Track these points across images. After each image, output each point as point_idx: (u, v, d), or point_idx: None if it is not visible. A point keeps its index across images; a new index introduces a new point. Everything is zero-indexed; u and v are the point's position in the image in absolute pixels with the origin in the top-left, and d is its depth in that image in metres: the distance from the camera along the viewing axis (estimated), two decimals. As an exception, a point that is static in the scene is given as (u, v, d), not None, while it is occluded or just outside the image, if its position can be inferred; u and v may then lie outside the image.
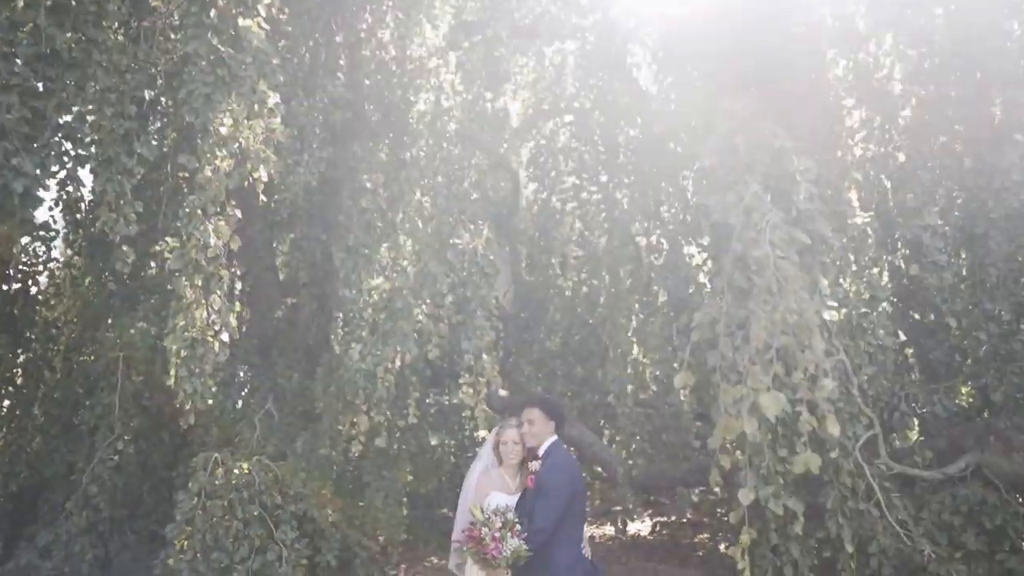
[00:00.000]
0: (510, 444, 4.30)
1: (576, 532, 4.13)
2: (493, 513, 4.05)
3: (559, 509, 4.00)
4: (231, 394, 7.67)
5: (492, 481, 4.32)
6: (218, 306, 4.83)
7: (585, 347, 9.50)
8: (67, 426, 7.23)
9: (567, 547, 4.06)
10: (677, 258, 6.00)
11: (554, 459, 4.18)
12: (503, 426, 4.41)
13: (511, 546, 3.91)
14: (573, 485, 4.07)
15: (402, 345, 5.84)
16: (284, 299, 8.64)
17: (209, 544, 4.92)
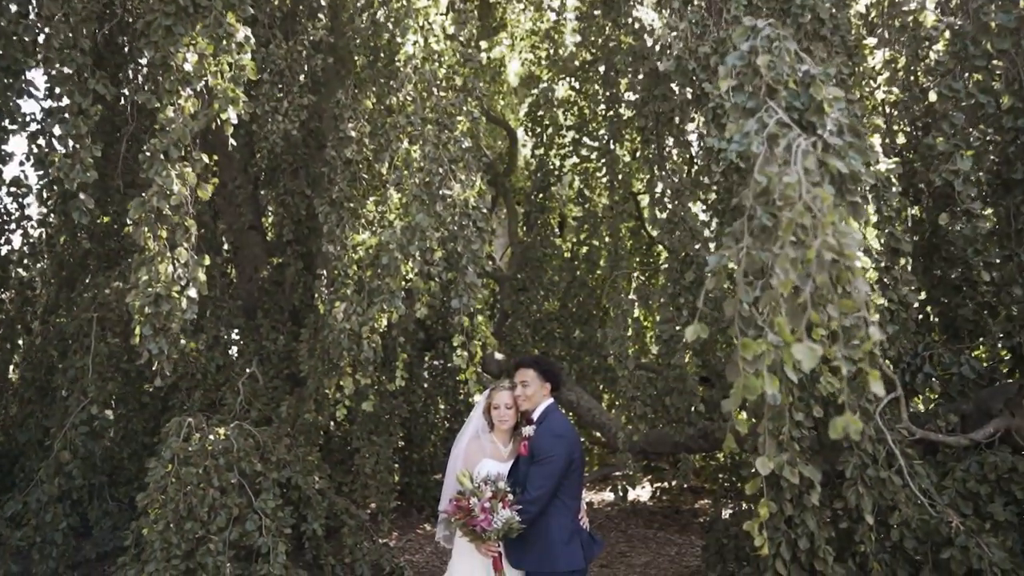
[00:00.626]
0: (502, 408, 3.97)
1: (573, 501, 3.82)
2: (483, 482, 3.72)
3: (555, 477, 3.68)
4: (214, 357, 7.33)
5: (482, 447, 3.99)
6: (185, 259, 4.45)
7: (584, 309, 9.17)
8: (42, 390, 6.91)
9: (563, 517, 3.75)
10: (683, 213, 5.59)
11: (550, 423, 3.84)
12: (495, 388, 4.07)
13: (502, 517, 3.59)
14: (570, 451, 3.75)
15: (389, 304, 5.47)
16: (270, 259, 8.25)
17: (182, 514, 4.61)
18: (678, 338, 5.40)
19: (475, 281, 5.39)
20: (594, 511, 8.88)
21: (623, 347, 5.86)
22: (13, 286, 7.81)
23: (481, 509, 3.59)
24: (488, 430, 4.06)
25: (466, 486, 3.73)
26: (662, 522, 8.34)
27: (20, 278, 7.83)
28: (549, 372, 3.98)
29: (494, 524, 3.57)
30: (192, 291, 4.46)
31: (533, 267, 9.00)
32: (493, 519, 3.57)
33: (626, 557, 6.87)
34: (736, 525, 5.77)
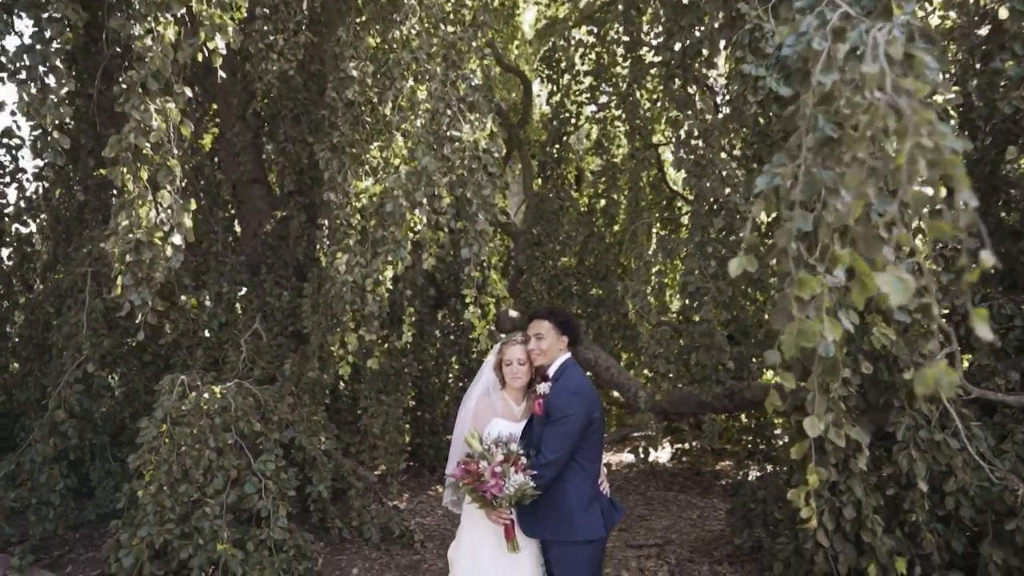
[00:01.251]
0: (515, 363, 3.61)
1: (592, 465, 3.47)
2: (493, 444, 3.38)
3: (572, 439, 3.33)
4: (217, 314, 7.04)
5: (493, 406, 3.64)
6: (168, 203, 4.09)
7: (602, 265, 8.77)
8: (40, 348, 6.68)
9: (581, 483, 3.41)
10: (712, 155, 5.12)
11: (567, 380, 3.48)
12: (506, 342, 3.70)
13: (515, 483, 3.25)
14: (589, 410, 3.39)
15: (394, 255, 5.10)
16: (274, 212, 7.90)
17: (176, 476, 4.35)
18: (704, 291, 4.99)
19: (486, 229, 4.99)
20: (612, 472, 8.61)
21: (645, 301, 5.46)
22: (12, 243, 7.54)
23: (491, 474, 3.26)
24: (499, 387, 3.71)
25: (475, 448, 3.40)
26: (682, 484, 8.05)
27: (18, 234, 7.55)
28: (566, 324, 3.61)
29: (505, 490, 3.24)
30: (177, 237, 4.11)
31: (548, 220, 8.57)
32: (504, 484, 3.24)
33: (646, 521, 6.58)
34: (764, 489, 5.43)
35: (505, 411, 3.65)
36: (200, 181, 7.77)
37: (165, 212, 4.04)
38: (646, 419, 5.45)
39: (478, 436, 3.47)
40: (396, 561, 5.39)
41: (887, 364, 3.49)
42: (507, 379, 3.66)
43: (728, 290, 4.88)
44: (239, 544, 4.51)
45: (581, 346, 8.17)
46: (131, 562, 4.11)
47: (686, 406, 6.87)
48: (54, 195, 7.56)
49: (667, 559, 5.51)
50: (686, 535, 6.10)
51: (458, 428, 3.69)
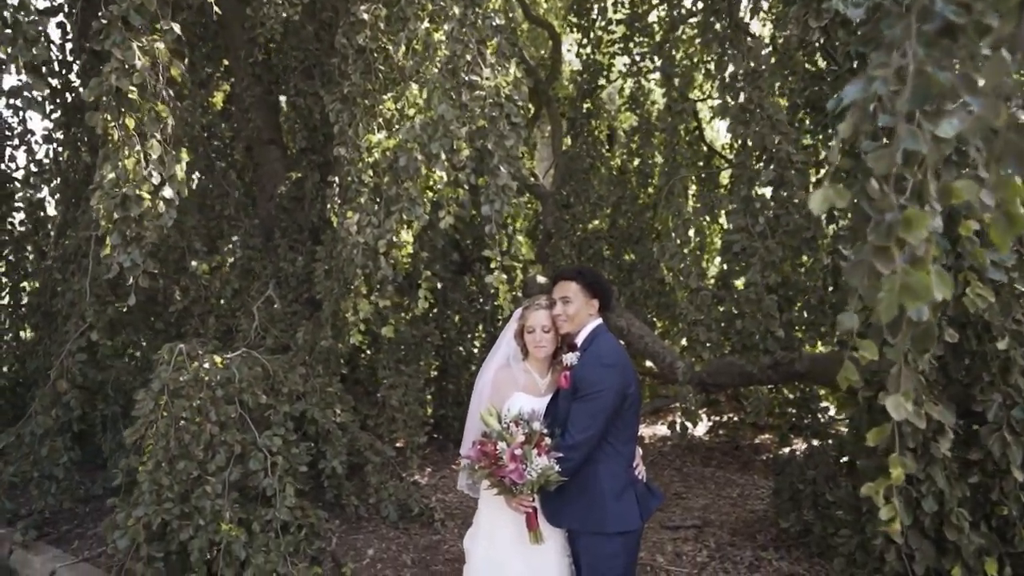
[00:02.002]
0: (538, 330, 3.17)
1: (626, 446, 3.04)
2: (513, 422, 2.97)
3: (603, 416, 2.90)
4: (230, 280, 6.73)
5: (514, 379, 3.22)
6: (158, 153, 3.70)
7: (635, 227, 8.23)
8: (48, 316, 6.44)
9: (614, 466, 2.99)
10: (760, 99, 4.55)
11: (597, 349, 3.04)
12: (528, 307, 3.26)
13: (537, 467, 2.84)
14: (623, 383, 2.95)
15: (408, 213, 4.67)
16: (289, 174, 7.52)
17: (174, 452, 4.03)
18: (751, 251, 4.47)
19: (509, 184, 4.52)
20: (645, 446, 8.18)
21: (683, 262, 4.96)
22: (24, 208, 7.28)
23: (510, 457, 2.84)
24: (521, 357, 3.28)
25: (492, 427, 2.99)
26: (721, 459, 7.60)
27: (29, 198, 7.28)
28: (596, 285, 3.15)
29: (527, 475, 2.83)
30: (168, 191, 3.73)
31: (578, 181, 8.04)
32: (526, 469, 2.83)
33: (682, 499, 6.16)
34: (813, 468, 4.96)
35: (527, 384, 3.22)
36: (212, 142, 7.41)
37: (155, 164, 3.65)
38: (684, 392, 4.99)
39: (496, 413, 3.05)
40: (415, 541, 5.07)
41: (976, 332, 2.97)
42: (530, 348, 3.23)
43: (778, 250, 4.35)
44: (244, 524, 4.20)
45: (613, 313, 7.71)
46: (126, 543, 3.83)
47: (727, 378, 6.39)
48: (63, 157, 7.26)
49: (706, 542, 5.09)
50: (726, 515, 5.67)
51: (474, 403, 3.29)
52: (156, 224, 3.70)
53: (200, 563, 3.95)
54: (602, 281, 3.17)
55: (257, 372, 4.94)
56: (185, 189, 3.84)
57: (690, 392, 4.97)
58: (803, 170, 4.40)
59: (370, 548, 4.94)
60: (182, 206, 6.99)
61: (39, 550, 4.96)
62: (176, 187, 3.77)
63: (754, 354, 4.49)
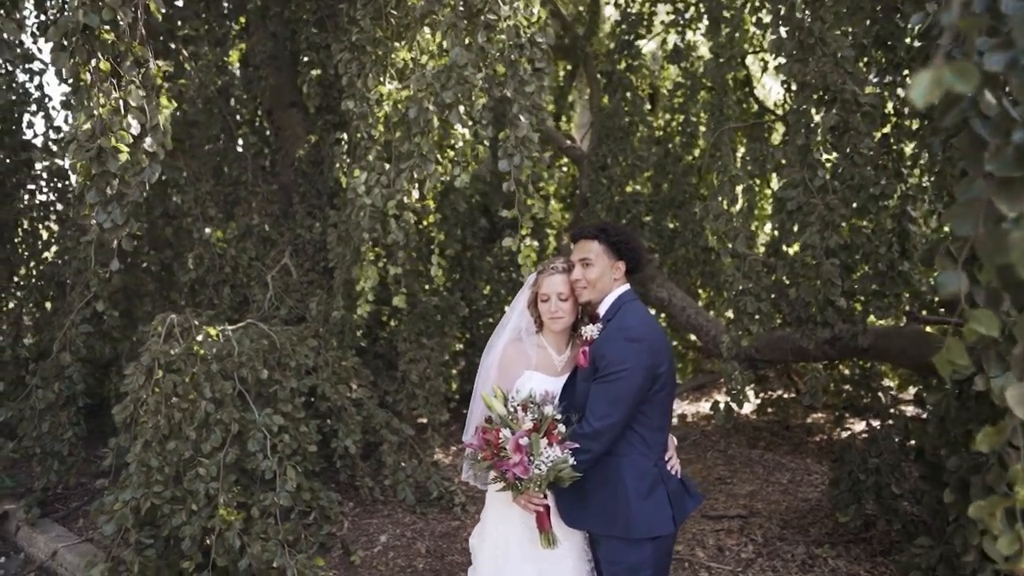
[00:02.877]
0: (553, 298, 2.70)
1: (657, 435, 2.56)
2: (521, 406, 2.52)
3: (628, 400, 2.43)
4: (246, 248, 6.41)
5: (525, 355, 2.77)
6: (138, 101, 3.32)
7: (678, 190, 7.61)
8: (62, 285, 6.23)
9: (641, 460, 2.51)
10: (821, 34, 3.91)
11: (622, 321, 2.55)
12: (543, 271, 2.79)
13: (547, 459, 2.39)
14: (653, 362, 2.46)
15: (419, 170, 4.21)
16: (308, 136, 7.14)
17: (164, 432, 3.72)
18: (809, 208, 3.88)
19: (530, 135, 4.01)
20: (685, 425, 7.67)
21: (730, 224, 4.40)
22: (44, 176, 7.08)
23: (515, 447, 2.40)
24: (534, 330, 2.82)
25: (496, 411, 2.54)
26: (769, 440, 7.03)
27: (49, 166, 7.06)
28: (622, 244, 2.65)
29: (534, 469, 2.38)
30: (150, 142, 3.35)
31: (616, 140, 7.45)
32: (532, 463, 2.38)
33: (726, 484, 5.65)
34: (876, 456, 4.40)
35: (541, 362, 2.76)
36: (228, 102, 7.06)
37: (135, 112, 3.27)
38: (728, 369, 4.46)
39: (502, 395, 2.60)
40: (432, 527, 4.70)
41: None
42: (545, 320, 2.76)
43: (839, 207, 3.76)
44: (244, 509, 3.88)
45: (654, 284, 7.17)
46: (113, 529, 3.55)
47: (777, 353, 5.82)
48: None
49: (752, 535, 4.59)
50: (775, 504, 5.15)
51: (479, 382, 2.85)
52: (138, 180, 3.33)
53: (194, 550, 3.65)
54: (629, 239, 2.66)
55: (262, 345, 4.61)
56: (169, 140, 3.45)
57: (736, 369, 4.44)
58: (871, 114, 3.77)
59: (383, 534, 4.60)
60: (197, 171, 6.79)
61: (44, 528, 4.77)
62: (159, 138, 3.39)
63: (810, 327, 3.93)
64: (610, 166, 7.38)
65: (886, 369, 7.48)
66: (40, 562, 4.52)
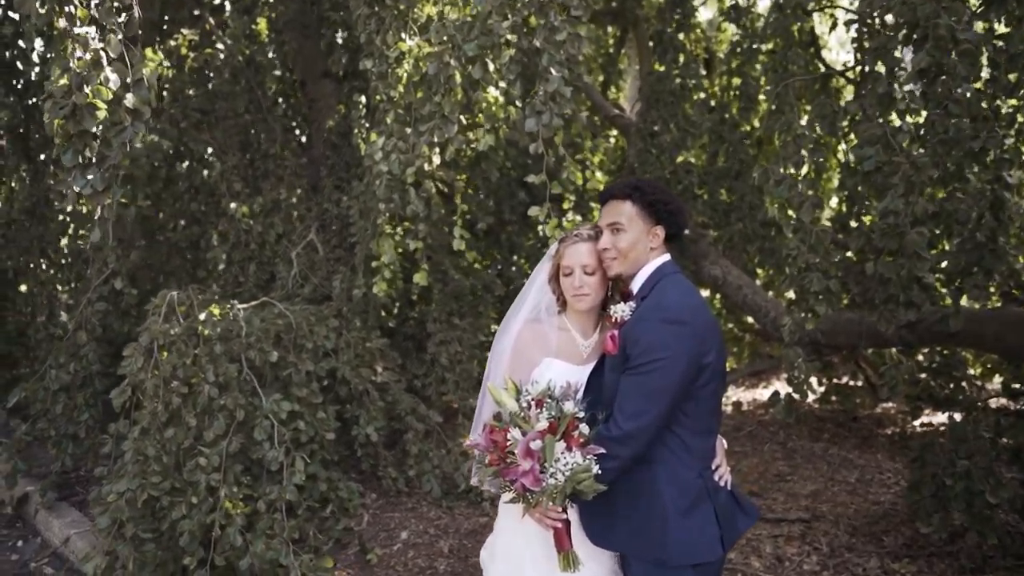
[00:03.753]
0: (577, 272, 2.25)
1: (700, 440, 2.09)
2: (535, 401, 2.08)
3: (665, 397, 1.97)
4: (273, 224, 6.14)
5: (545, 339, 2.33)
6: (118, 51, 2.99)
7: (735, 160, 6.98)
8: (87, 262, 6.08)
9: (681, 470, 2.05)
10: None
11: (660, 299, 2.08)
12: (566, 239, 2.34)
13: (565, 467, 1.95)
14: (698, 349, 1.99)
15: (440, 132, 3.78)
16: (339, 106, 6.81)
17: (162, 419, 3.44)
18: (891, 168, 3.28)
19: (561, 90, 3.53)
20: (740, 414, 7.11)
21: (795, 190, 3.83)
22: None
23: (524, 451, 1.96)
24: (556, 310, 2.37)
25: (506, 406, 2.11)
26: (833, 433, 6.41)
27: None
28: (659, 205, 2.17)
29: (548, 479, 1.95)
30: (131, 98, 3.02)
31: (666, 105, 6.85)
32: (546, 472, 1.95)
33: (786, 482, 5.11)
34: (966, 457, 3.80)
35: (563, 347, 2.32)
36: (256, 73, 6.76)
37: (116, 65, 2.95)
38: (791, 355, 3.91)
39: (514, 387, 2.16)
40: (457, 524, 4.33)
41: None
42: (568, 297, 2.31)
43: (928, 166, 3.16)
44: (250, 502, 3.58)
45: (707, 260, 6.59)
46: (107, 522, 3.29)
47: (846, 337, 5.22)
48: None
49: (816, 542, 4.06)
50: (842, 507, 4.59)
51: (490, 370, 2.42)
52: (120, 140, 3.01)
53: (195, 546, 3.37)
54: (669, 199, 2.18)
55: (277, 325, 4.30)
56: (153, 97, 3.12)
57: (799, 356, 3.89)
58: (971, 52, 3.15)
59: (404, 530, 4.25)
60: (223, 143, 6.54)
61: (61, 512, 4.61)
62: (143, 95, 3.05)
63: (889, 308, 3.35)
64: (660, 134, 6.80)
65: (969, 356, 6.74)
66: (54, 548, 4.36)
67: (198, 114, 6.27)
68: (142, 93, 3.07)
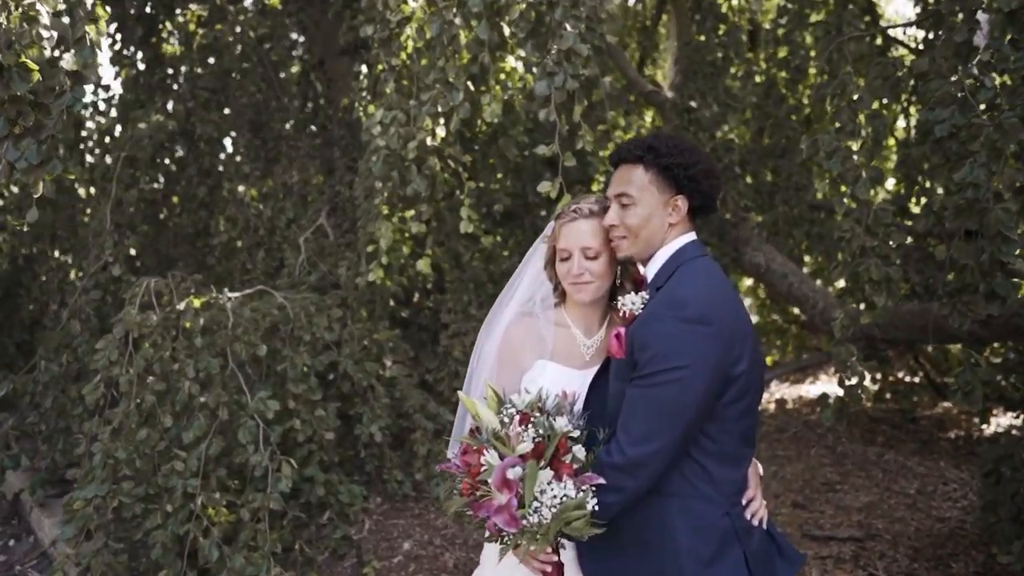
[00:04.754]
0: (576, 256, 1.83)
1: (727, 470, 1.64)
2: (520, 415, 1.66)
3: (685, 416, 1.53)
4: (284, 208, 5.83)
5: (537, 337, 1.91)
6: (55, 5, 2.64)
7: (781, 136, 6.40)
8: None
9: (704, 504, 1.61)
10: None
11: (677, 290, 1.64)
12: (563, 214, 1.91)
13: (553, 501, 1.54)
14: (726, 354, 1.55)
15: (445, 100, 3.37)
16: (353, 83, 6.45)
17: (134, 419, 3.13)
18: (972, 132, 2.75)
19: (577, 48, 3.07)
20: (784, 413, 6.55)
21: (849, 162, 3.31)
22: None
23: (500, 482, 1.55)
24: (553, 302, 1.95)
25: (484, 422, 1.70)
26: (889, 435, 5.83)
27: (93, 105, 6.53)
28: (679, 169, 1.72)
29: (531, 517, 1.53)
30: (69, 59, 2.68)
31: (704, 77, 6.30)
32: (526, 508, 1.53)
33: (835, 492, 4.59)
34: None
35: (561, 347, 1.90)
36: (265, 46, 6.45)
37: (52, 22, 2.61)
38: (843, 353, 3.40)
39: (496, 397, 1.75)
40: (466, 534, 3.95)
41: None
42: (565, 286, 1.89)
43: (1019, 128, 2.61)
44: (233, 509, 3.26)
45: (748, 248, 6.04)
46: (73, 531, 3.00)
47: (907, 332, 4.66)
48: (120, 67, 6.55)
49: (871, 566, 3.56)
50: (901, 524, 4.06)
51: (471, 376, 2.02)
52: (57, 105, 2.67)
53: (171, 558, 3.06)
54: (691, 160, 1.72)
55: (274, 315, 3.98)
56: (96, 59, 2.77)
57: (852, 354, 3.38)
58: (1072, -10, 2.59)
59: (408, 540, 3.89)
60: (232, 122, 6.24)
61: (54, 511, 4.37)
62: (86, 55, 2.71)
63: (964, 300, 2.82)
64: (697, 109, 6.26)
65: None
66: (44, 548, 4.13)
67: (207, 93, 5.98)
68: (84, 53, 2.71)
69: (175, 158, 5.97)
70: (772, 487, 4.70)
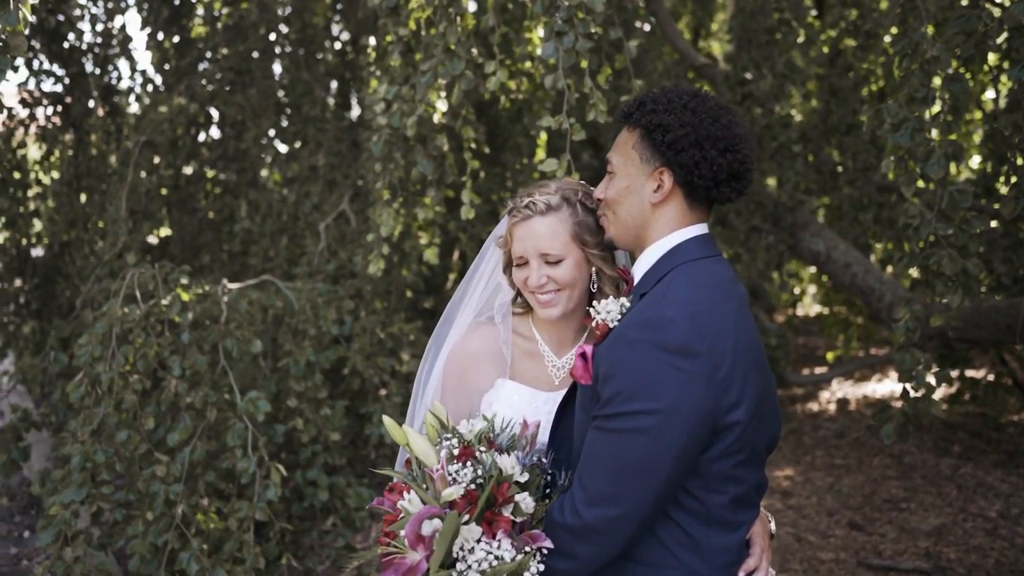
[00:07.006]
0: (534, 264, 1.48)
1: (720, 536, 1.24)
2: (460, 448, 1.32)
3: (656, 475, 1.13)
4: (309, 193, 5.62)
5: (494, 352, 1.55)
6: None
7: (846, 108, 5.76)
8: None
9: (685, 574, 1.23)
10: None
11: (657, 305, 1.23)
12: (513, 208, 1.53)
13: (481, 565, 1.19)
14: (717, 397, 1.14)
15: (446, 70, 3.03)
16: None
17: (113, 420, 2.95)
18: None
19: (592, 3, 2.66)
20: (844, 415, 5.96)
21: (921, 135, 2.80)
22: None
23: (413, 537, 1.21)
24: (512, 309, 1.59)
25: (419, 454, 1.35)
26: (967, 444, 5.21)
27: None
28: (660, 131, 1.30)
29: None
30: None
31: (760, 46, 5.72)
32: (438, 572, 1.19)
33: (900, 512, 4.06)
34: None
35: (527, 364, 1.54)
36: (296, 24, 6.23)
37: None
38: (907, 361, 2.89)
39: (440, 422, 1.41)
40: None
41: None
42: (527, 297, 1.52)
43: None
44: (223, 517, 3.05)
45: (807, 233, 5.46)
46: (50, 538, 2.85)
47: (986, 331, 4.06)
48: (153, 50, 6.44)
49: (937, 606, 3.07)
50: (978, 552, 3.52)
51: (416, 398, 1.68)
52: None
53: (154, 568, 2.88)
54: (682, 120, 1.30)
55: (276, 308, 3.76)
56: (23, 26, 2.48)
57: (918, 361, 2.87)
58: None
59: (414, 551, 3.62)
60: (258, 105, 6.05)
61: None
62: (11, 20, 2.42)
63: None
64: (751, 80, 5.70)
65: None
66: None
67: (232, 74, 5.82)
68: (9, 19, 2.44)
69: (199, 142, 5.84)
70: (826, 503, 4.20)
